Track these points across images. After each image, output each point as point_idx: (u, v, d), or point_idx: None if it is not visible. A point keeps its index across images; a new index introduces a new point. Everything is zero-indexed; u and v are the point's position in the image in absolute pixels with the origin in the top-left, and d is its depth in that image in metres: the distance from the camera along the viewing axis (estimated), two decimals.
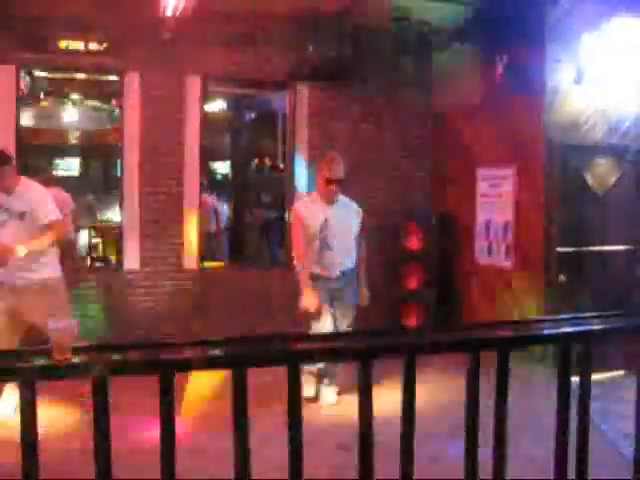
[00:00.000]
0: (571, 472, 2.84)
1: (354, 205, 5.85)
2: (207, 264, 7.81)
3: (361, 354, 2.62)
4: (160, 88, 7.25)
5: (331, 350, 2.77)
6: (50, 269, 5.19)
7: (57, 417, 5.13)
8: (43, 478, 2.25)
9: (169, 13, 6.40)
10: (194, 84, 7.39)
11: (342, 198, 5.77)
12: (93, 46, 6.97)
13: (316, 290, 5.53)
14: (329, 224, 5.60)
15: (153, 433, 2.44)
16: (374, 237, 6.89)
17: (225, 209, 10.66)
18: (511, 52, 6.96)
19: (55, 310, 4.95)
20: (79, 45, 6.93)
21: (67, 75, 7.71)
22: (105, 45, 6.99)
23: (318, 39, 7.32)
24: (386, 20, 7.36)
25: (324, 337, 2.94)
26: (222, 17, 7.06)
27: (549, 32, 6.61)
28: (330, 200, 5.67)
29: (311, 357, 2.98)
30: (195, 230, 7.50)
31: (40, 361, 2.26)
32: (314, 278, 5.60)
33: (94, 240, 9.52)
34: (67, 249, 5.70)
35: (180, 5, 6.37)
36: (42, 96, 8.74)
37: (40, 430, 2.22)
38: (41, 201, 5.10)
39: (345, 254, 5.69)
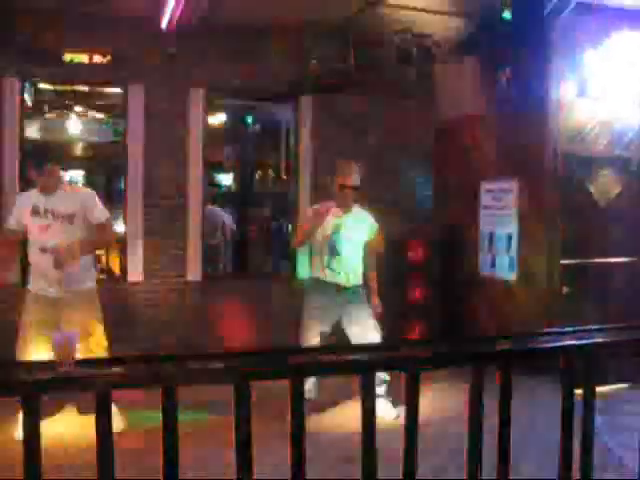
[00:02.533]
0: None
1: (369, 219, 5.73)
2: (210, 276, 7.81)
3: (364, 367, 2.62)
4: (163, 100, 7.28)
5: (334, 363, 2.77)
6: (92, 278, 5.00)
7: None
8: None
9: (173, 25, 6.46)
10: (197, 96, 7.41)
11: (357, 209, 5.69)
12: (97, 59, 7.01)
13: (320, 304, 5.49)
14: (340, 229, 5.51)
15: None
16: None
17: (230, 221, 10.66)
18: (514, 65, 6.97)
19: (97, 322, 4.86)
20: (83, 58, 6.97)
21: (71, 88, 7.74)
22: (108, 58, 7.02)
23: (321, 51, 7.35)
24: (388, 32, 7.39)
25: (327, 350, 2.94)
26: (225, 29, 7.09)
27: (552, 45, 6.63)
28: (345, 206, 5.58)
29: (314, 370, 2.98)
30: (199, 242, 7.51)
31: (43, 374, 2.26)
32: (323, 288, 5.53)
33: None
34: None
35: (183, 17, 6.43)
36: (46, 109, 8.77)
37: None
38: (93, 200, 4.86)
39: (354, 263, 5.58)
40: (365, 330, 5.48)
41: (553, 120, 6.66)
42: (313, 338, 5.43)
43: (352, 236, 5.57)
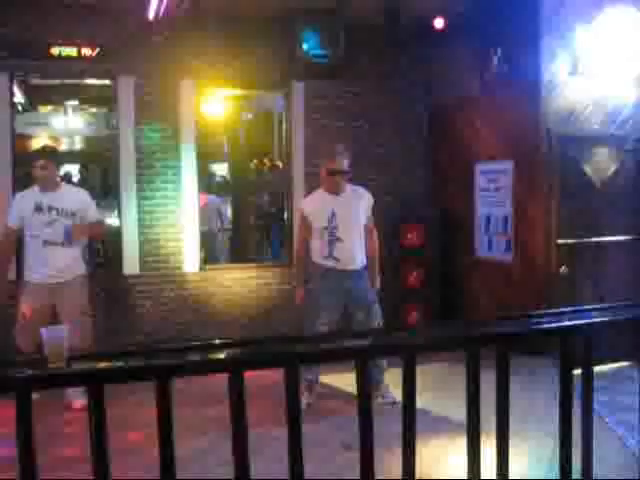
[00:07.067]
0: (576, 464, 2.82)
1: (364, 193, 5.67)
2: (208, 266, 7.76)
3: (361, 354, 2.60)
4: (155, 91, 7.22)
5: (330, 351, 2.75)
6: (83, 266, 5.57)
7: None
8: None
9: (161, 15, 6.40)
10: (188, 86, 7.35)
11: (351, 188, 5.62)
12: (86, 52, 6.94)
13: (327, 286, 5.46)
14: (337, 216, 5.45)
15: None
16: None
17: (226, 210, 10.64)
18: (506, 45, 6.93)
19: (85, 307, 5.49)
20: (72, 51, 6.90)
21: (61, 81, 7.66)
22: (98, 50, 6.96)
23: (311, 37, 7.29)
24: (379, 15, 7.33)
25: (323, 338, 2.92)
26: (215, 18, 7.04)
27: (544, 24, 6.58)
28: (335, 192, 5.53)
29: (310, 359, 2.96)
30: (195, 233, 7.48)
31: (35, 370, 2.23)
32: (327, 273, 5.48)
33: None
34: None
35: (172, 7, 6.37)
36: (36, 103, 8.72)
37: None
38: (90, 202, 5.57)
39: (357, 246, 5.52)
40: (370, 315, 5.46)
41: (546, 100, 6.62)
42: (319, 325, 5.38)
43: (348, 219, 5.50)
